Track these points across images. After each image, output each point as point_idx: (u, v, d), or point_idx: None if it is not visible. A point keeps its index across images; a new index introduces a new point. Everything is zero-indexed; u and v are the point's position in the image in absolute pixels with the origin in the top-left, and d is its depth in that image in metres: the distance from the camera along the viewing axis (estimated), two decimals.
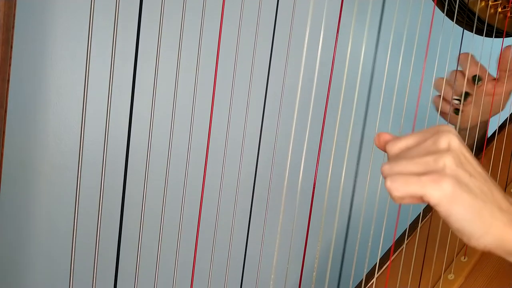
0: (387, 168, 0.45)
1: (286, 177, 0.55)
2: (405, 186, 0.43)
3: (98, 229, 0.43)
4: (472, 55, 0.81)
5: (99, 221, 0.42)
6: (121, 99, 0.49)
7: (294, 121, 0.53)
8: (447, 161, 0.42)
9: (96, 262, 0.43)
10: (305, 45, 0.50)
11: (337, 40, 0.59)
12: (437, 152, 0.43)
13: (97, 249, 0.43)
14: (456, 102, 0.82)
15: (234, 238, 0.60)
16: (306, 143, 0.57)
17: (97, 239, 0.43)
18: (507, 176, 0.84)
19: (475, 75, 0.81)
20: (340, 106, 0.60)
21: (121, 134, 0.56)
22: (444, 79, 0.83)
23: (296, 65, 0.55)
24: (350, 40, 0.59)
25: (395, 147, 0.47)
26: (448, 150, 0.43)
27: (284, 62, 0.58)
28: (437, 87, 0.84)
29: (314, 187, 0.62)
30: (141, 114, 0.52)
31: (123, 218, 0.45)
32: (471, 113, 0.84)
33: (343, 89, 0.60)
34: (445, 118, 0.85)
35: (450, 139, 0.44)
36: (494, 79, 0.83)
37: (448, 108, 0.83)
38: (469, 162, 0.44)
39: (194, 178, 0.56)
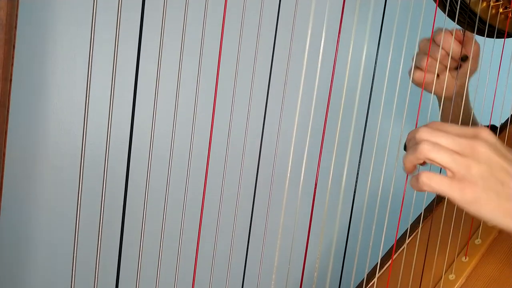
0: (428, 142, 0.49)
1: (288, 177, 0.55)
2: (436, 183, 0.48)
3: (100, 231, 0.43)
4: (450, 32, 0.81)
5: (101, 223, 0.42)
6: (123, 100, 0.49)
7: (296, 121, 0.53)
8: (477, 170, 0.47)
9: (97, 265, 0.43)
10: (307, 47, 0.50)
11: (338, 42, 0.59)
12: (471, 156, 0.48)
13: (98, 253, 0.43)
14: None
15: (236, 238, 0.60)
16: (307, 143, 0.57)
17: (99, 242, 0.43)
18: None
19: (465, 56, 0.81)
20: (342, 108, 0.60)
21: (123, 135, 0.56)
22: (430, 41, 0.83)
23: (297, 66, 0.55)
24: (352, 42, 0.59)
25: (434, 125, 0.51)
26: (480, 160, 0.48)
27: (286, 63, 0.58)
28: (423, 47, 0.83)
29: (315, 187, 0.62)
30: (143, 116, 0.52)
31: (124, 218, 0.45)
32: (446, 82, 0.85)
33: (345, 90, 0.60)
34: (420, 86, 0.85)
35: (486, 148, 0.48)
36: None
37: (422, 77, 0.83)
38: (502, 168, 0.48)
39: (196, 177, 0.56)
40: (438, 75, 0.84)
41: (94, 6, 0.39)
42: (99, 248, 0.43)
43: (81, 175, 0.41)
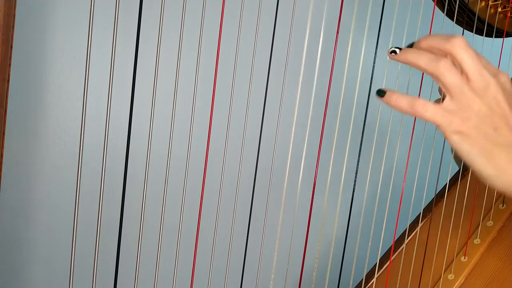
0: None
1: (286, 177, 0.55)
2: (430, 112, 0.46)
3: (98, 231, 0.43)
4: None
5: (99, 222, 0.42)
6: (121, 99, 0.49)
7: (294, 121, 0.53)
8: (478, 108, 0.46)
9: (96, 264, 0.43)
10: (305, 47, 0.50)
11: (336, 42, 0.59)
12: (480, 91, 0.46)
13: (97, 251, 0.43)
14: None
15: (234, 238, 0.60)
16: (306, 143, 0.57)
17: (97, 241, 0.43)
18: None
19: None
20: (340, 107, 0.60)
21: (121, 134, 0.56)
22: None
23: (296, 66, 0.55)
24: (350, 41, 0.59)
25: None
26: (485, 99, 0.46)
27: (284, 63, 0.58)
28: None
29: (314, 187, 0.62)
30: (141, 115, 0.52)
31: (123, 218, 0.45)
32: None
33: (343, 90, 0.60)
34: None
35: (499, 91, 0.46)
36: None
37: None
38: (502, 115, 0.47)
39: (194, 178, 0.56)
40: None
41: (92, 5, 0.39)
42: (97, 242, 0.43)
43: (79, 174, 0.41)
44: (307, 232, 0.64)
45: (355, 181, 0.67)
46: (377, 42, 0.63)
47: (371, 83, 0.64)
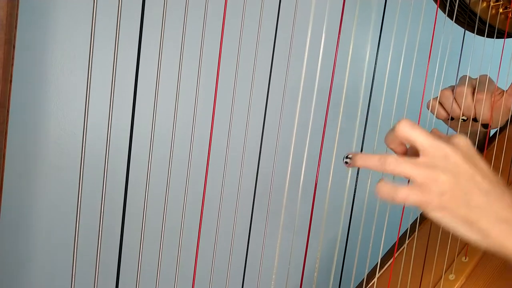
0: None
1: (288, 177, 0.55)
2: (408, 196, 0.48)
3: (100, 233, 0.43)
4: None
5: (101, 224, 0.42)
6: (123, 101, 0.49)
7: (296, 122, 0.53)
8: (443, 181, 0.47)
9: (97, 266, 0.43)
10: (307, 48, 0.50)
11: (338, 42, 0.59)
12: (439, 164, 0.47)
13: (98, 252, 0.43)
14: (462, 121, 0.83)
15: (236, 239, 0.60)
16: (307, 142, 0.57)
17: (99, 242, 0.43)
18: (508, 177, 0.84)
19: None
20: (341, 109, 0.60)
21: (123, 134, 0.56)
22: (437, 101, 0.82)
23: (298, 67, 0.55)
24: (352, 42, 0.59)
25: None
26: (447, 169, 0.47)
27: (286, 64, 0.58)
28: (431, 109, 0.83)
29: (315, 188, 0.62)
30: (143, 115, 0.52)
31: (124, 219, 0.45)
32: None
33: (345, 91, 0.60)
34: (446, 123, 0.85)
35: (457, 156, 0.47)
36: (502, 91, 0.83)
37: (443, 115, 0.83)
38: (469, 177, 0.47)
39: (196, 178, 0.56)
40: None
41: (94, 6, 0.39)
42: (99, 247, 0.43)
43: (81, 175, 0.41)
44: (308, 232, 0.64)
45: (356, 181, 0.67)
46: (379, 42, 0.63)
47: (372, 84, 0.64)
